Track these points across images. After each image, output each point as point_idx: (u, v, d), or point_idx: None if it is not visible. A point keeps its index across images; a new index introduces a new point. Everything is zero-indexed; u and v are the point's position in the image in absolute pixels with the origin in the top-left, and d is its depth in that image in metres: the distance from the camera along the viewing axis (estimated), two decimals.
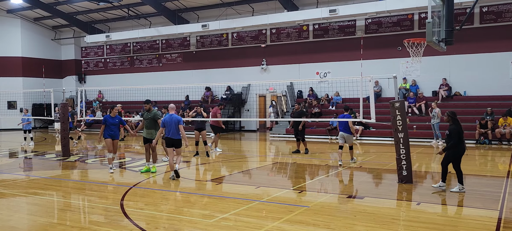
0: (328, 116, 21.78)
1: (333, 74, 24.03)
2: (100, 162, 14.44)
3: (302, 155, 15.21)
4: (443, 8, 10.11)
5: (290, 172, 12.58)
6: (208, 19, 26.54)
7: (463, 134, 9.05)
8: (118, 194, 9.20)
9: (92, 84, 31.91)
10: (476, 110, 19.68)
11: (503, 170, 12.37)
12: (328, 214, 7.52)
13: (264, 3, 24.82)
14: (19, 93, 28.78)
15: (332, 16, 22.21)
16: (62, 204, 8.75)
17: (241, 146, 19.21)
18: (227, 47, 27.74)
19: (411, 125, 19.39)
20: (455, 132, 8.95)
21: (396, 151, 10.04)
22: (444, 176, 9.17)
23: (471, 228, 6.78)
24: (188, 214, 7.70)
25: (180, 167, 12.86)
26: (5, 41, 31.00)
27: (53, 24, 32.81)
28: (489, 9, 20.81)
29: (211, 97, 27.40)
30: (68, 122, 16.20)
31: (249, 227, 6.81)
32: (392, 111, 10.08)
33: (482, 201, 8.40)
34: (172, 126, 10.61)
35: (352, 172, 12.14)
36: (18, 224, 7.25)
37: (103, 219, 7.46)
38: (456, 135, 8.92)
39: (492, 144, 18.16)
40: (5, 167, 13.84)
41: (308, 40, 25.18)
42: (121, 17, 29.48)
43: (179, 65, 29.49)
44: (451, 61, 21.25)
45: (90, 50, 33.45)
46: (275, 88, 26.17)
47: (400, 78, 21.84)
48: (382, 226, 6.80)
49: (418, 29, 22.02)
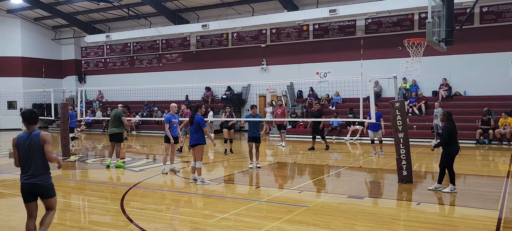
0: (328, 116, 21.78)
1: (333, 74, 24.03)
2: (100, 162, 14.44)
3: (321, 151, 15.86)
4: (443, 8, 10.11)
5: (290, 172, 12.58)
6: (208, 19, 26.54)
7: (456, 134, 9.06)
8: (118, 194, 9.20)
9: (92, 84, 31.90)
10: (476, 110, 19.68)
11: (503, 170, 12.36)
12: (328, 214, 7.52)
13: (264, 3, 24.82)
14: (19, 93, 28.78)
15: (332, 16, 22.21)
16: (62, 204, 8.75)
17: (241, 146, 19.21)
18: (227, 47, 27.74)
19: (411, 125, 19.40)
20: (446, 131, 9.00)
21: (396, 151, 10.05)
22: (441, 177, 9.18)
23: (471, 228, 6.78)
24: (188, 214, 7.71)
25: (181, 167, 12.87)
26: (5, 41, 31.01)
27: (53, 24, 32.82)
28: (489, 9, 20.81)
29: (211, 97, 27.39)
30: (68, 122, 16.18)
31: (249, 227, 6.81)
32: (392, 111, 10.08)
33: (482, 201, 8.40)
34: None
35: (352, 172, 12.14)
36: (18, 224, 7.24)
37: (103, 219, 7.46)
38: (447, 133, 8.97)
39: (492, 144, 18.17)
40: (5, 167, 13.84)
41: (308, 40, 25.18)
42: (121, 17, 29.48)
43: (179, 65, 29.49)
44: (451, 61, 21.25)
45: (90, 50, 33.45)
46: (275, 88, 26.16)
47: (400, 78, 21.84)
48: (382, 226, 6.80)
49: (418, 29, 22.01)
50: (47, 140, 5.47)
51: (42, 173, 5.48)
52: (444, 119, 9.20)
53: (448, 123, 9.08)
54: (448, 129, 9.00)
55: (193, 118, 10.05)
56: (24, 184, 5.50)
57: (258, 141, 12.16)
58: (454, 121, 9.16)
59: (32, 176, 5.45)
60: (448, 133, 8.97)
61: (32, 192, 5.53)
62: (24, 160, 5.49)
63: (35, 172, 5.45)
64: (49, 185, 5.59)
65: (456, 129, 9.13)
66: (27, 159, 5.46)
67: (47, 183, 5.56)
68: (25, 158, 5.47)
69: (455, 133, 9.05)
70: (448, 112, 9.25)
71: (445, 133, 9.02)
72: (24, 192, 5.54)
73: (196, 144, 10.00)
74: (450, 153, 9.03)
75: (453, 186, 9.03)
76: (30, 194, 5.54)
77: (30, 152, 5.45)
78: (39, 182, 5.46)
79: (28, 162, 5.46)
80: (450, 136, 8.96)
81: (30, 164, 5.45)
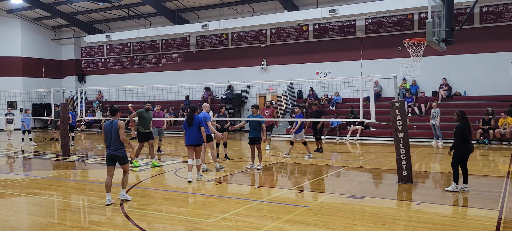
0: (328, 116, 21.76)
1: (333, 74, 24.02)
2: (100, 162, 14.43)
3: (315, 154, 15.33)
4: (443, 8, 10.11)
5: (290, 172, 12.58)
6: (208, 19, 26.53)
7: (469, 134, 9.00)
8: (118, 194, 9.20)
9: (92, 84, 31.89)
10: (476, 110, 19.68)
11: (503, 170, 12.36)
12: (328, 214, 7.52)
13: (264, 3, 24.81)
14: (19, 93, 28.77)
15: (332, 16, 22.20)
16: (62, 204, 8.75)
17: (241, 146, 19.20)
18: (227, 47, 27.74)
19: (411, 125, 19.40)
20: (458, 130, 8.95)
21: (396, 151, 10.04)
22: (456, 177, 9.09)
23: (471, 228, 6.78)
24: (188, 214, 7.70)
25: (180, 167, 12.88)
26: (5, 41, 30.99)
27: (53, 24, 32.81)
28: (489, 9, 20.81)
29: (211, 98, 27.39)
30: (68, 122, 16.19)
31: (249, 227, 6.81)
32: (392, 111, 10.07)
33: (482, 201, 8.40)
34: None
35: (352, 172, 12.14)
36: (18, 224, 7.25)
37: (103, 219, 7.46)
38: (459, 133, 8.93)
39: (492, 144, 18.17)
40: (5, 167, 13.85)
41: (308, 40, 25.17)
42: (121, 17, 29.47)
43: (179, 65, 29.48)
44: (451, 61, 21.25)
45: (90, 50, 33.44)
46: (275, 88, 26.16)
47: (400, 78, 21.83)
48: (382, 226, 6.80)
49: (418, 29, 22.01)
50: (121, 126, 8.23)
51: (119, 148, 8.27)
52: (458, 119, 9.14)
53: (462, 122, 9.04)
54: (460, 128, 8.95)
55: (192, 119, 10.40)
56: (108, 155, 8.32)
57: (259, 142, 12.15)
58: (468, 119, 9.11)
59: (113, 149, 8.25)
60: (460, 132, 8.93)
61: (113, 159, 8.31)
62: (108, 139, 8.30)
63: (115, 147, 8.24)
64: (124, 156, 8.38)
65: (470, 128, 9.08)
66: (110, 138, 8.25)
67: (123, 154, 8.36)
68: (109, 138, 8.27)
69: (468, 133, 8.99)
70: (461, 111, 9.21)
71: (457, 132, 8.97)
72: (108, 159, 8.36)
73: (199, 143, 10.53)
74: (462, 154, 8.97)
75: (456, 184, 9.01)
76: (111, 160, 8.33)
77: (111, 134, 8.24)
78: (118, 153, 8.29)
79: (111, 140, 8.25)
80: (462, 135, 8.93)
81: (111, 142, 8.25)
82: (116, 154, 8.26)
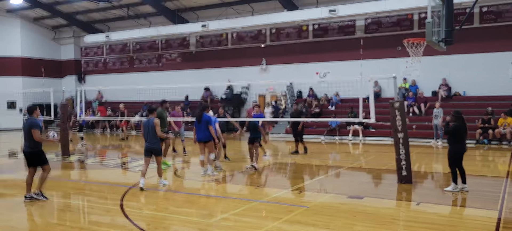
0: (328, 116, 21.78)
1: (333, 74, 23.98)
2: (100, 162, 14.43)
3: (302, 155, 15.18)
4: (443, 8, 10.12)
5: (290, 172, 12.58)
6: (208, 19, 26.52)
7: (464, 133, 9.05)
8: (117, 194, 9.20)
9: (91, 84, 31.84)
10: (476, 111, 19.68)
11: (503, 170, 12.37)
12: (327, 214, 7.52)
13: (264, 3, 24.81)
14: (18, 93, 28.72)
15: (332, 16, 22.19)
16: (62, 204, 8.75)
17: (241, 146, 19.19)
18: (227, 47, 27.72)
19: (411, 125, 19.40)
20: (453, 129, 8.99)
21: (396, 151, 10.04)
22: (454, 177, 9.11)
23: (470, 228, 6.78)
24: (188, 214, 7.70)
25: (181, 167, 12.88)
26: (4, 41, 30.96)
27: (52, 24, 32.79)
28: (489, 9, 20.81)
29: (210, 98, 27.38)
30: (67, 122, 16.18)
31: (249, 227, 6.81)
32: (391, 111, 10.07)
33: (481, 201, 8.40)
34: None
35: (352, 172, 12.14)
36: (18, 224, 7.25)
37: (103, 219, 7.46)
38: (453, 132, 8.97)
39: (492, 144, 18.17)
40: (5, 167, 13.84)
41: (308, 40, 25.16)
42: (121, 17, 29.45)
43: (179, 65, 29.47)
44: (451, 61, 21.23)
45: (90, 50, 33.42)
46: (274, 88, 26.15)
47: (400, 78, 21.81)
48: (382, 226, 6.81)
49: (418, 29, 21.99)
50: (156, 124, 9.58)
51: (154, 142, 9.64)
52: (454, 119, 9.18)
53: (457, 121, 9.08)
54: (455, 128, 9.02)
55: (201, 116, 11.01)
56: (146, 148, 9.69)
57: (257, 141, 12.21)
58: (464, 119, 9.14)
59: (150, 143, 9.63)
60: (454, 131, 8.99)
61: (150, 151, 9.67)
62: (146, 134, 9.67)
63: (151, 141, 9.62)
64: (159, 149, 9.79)
65: (466, 128, 9.12)
66: (148, 134, 9.62)
67: (159, 148, 9.78)
68: (146, 133, 9.65)
69: (464, 132, 9.04)
70: (457, 111, 9.26)
71: (451, 131, 9.06)
72: (146, 151, 9.72)
73: (208, 140, 11.06)
74: (455, 152, 9.01)
75: (455, 184, 9.03)
76: (148, 151, 9.68)
77: (148, 130, 9.61)
78: (154, 146, 9.67)
79: (148, 135, 9.61)
80: (455, 133, 8.97)
81: (148, 137, 9.62)
82: (153, 147, 9.63)
